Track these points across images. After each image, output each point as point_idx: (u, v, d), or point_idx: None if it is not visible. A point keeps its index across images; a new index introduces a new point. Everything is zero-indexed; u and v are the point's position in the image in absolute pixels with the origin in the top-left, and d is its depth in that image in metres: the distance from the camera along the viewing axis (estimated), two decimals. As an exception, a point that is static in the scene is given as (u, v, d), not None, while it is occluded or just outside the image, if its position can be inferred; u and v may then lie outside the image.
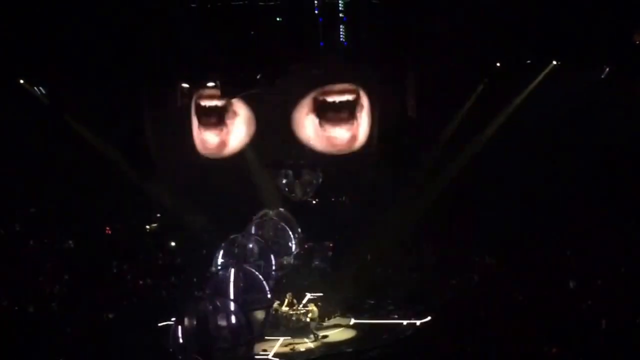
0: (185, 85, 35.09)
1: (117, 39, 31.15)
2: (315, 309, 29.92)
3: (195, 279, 32.15)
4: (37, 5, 30.00)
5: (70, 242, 35.04)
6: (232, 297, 26.06)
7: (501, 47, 31.63)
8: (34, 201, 35.78)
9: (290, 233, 35.06)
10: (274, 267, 31.59)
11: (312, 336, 28.93)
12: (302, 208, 37.14)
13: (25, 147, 33.56)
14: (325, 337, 30.02)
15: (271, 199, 37.49)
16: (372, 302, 33.86)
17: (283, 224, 35.14)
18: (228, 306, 22.35)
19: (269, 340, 28.23)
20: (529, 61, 32.37)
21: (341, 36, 36.59)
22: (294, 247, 33.40)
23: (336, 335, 30.64)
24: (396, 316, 31.54)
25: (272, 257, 31.40)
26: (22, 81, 32.23)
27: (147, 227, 38.39)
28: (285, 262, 34.46)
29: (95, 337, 27.07)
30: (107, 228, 37.05)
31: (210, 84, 32.78)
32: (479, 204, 34.81)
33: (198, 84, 34.78)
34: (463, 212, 35.18)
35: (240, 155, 36.25)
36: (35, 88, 32.79)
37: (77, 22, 30.34)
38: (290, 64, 33.17)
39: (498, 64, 32.77)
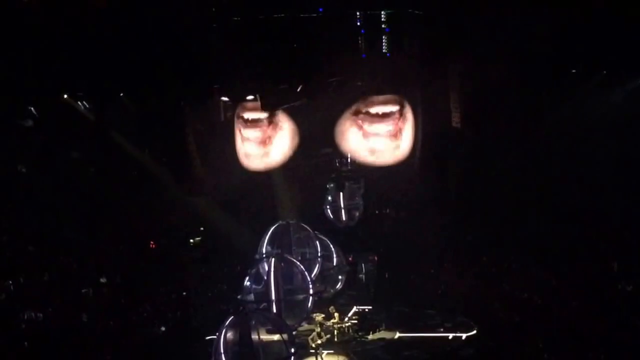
0: (227, 99, 35.20)
1: (160, 54, 31.32)
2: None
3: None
4: (82, 21, 30.27)
5: (125, 253, 35.00)
6: (272, 286, 25.94)
7: (547, 56, 31.26)
8: (78, 217, 35.94)
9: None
10: (319, 255, 31.12)
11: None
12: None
13: (69, 162, 33.80)
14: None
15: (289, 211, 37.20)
16: (418, 314, 33.58)
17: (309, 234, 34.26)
18: (271, 320, 22.15)
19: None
20: (574, 70, 31.89)
21: (384, 47, 36.51)
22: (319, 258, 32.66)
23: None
24: (442, 329, 31.20)
25: (317, 244, 30.97)
26: (66, 96, 32.45)
27: (191, 240, 38.39)
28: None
29: (147, 350, 27.26)
30: (152, 242, 37.14)
31: (252, 97, 32.77)
32: (525, 215, 34.26)
33: (240, 98, 34.88)
34: (508, 222, 34.58)
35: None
36: (79, 103, 33.00)
37: (120, 38, 30.56)
38: (333, 76, 33.10)
39: (544, 74, 32.33)
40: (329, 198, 35.77)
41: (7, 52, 28.94)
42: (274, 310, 25.53)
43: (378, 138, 35.82)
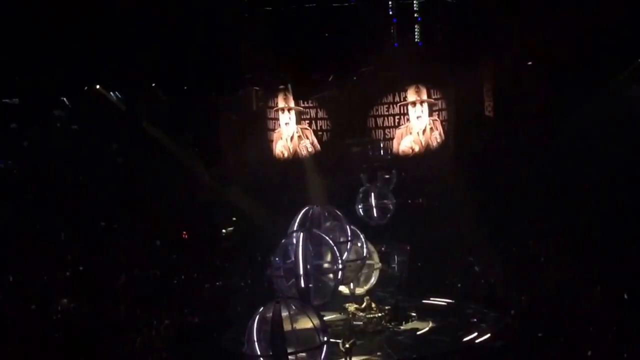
0: (259, 89, 35.24)
1: (192, 44, 31.38)
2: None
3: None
4: (115, 12, 30.40)
5: (158, 241, 35.08)
6: (300, 261, 25.82)
7: (579, 47, 30.95)
8: (111, 207, 36.01)
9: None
10: (349, 239, 30.82)
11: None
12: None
13: (102, 152, 33.90)
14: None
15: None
16: (450, 305, 33.40)
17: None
18: (304, 308, 22.04)
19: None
20: (607, 60, 31.49)
21: (416, 36, 36.32)
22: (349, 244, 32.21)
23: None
24: (475, 320, 30.97)
25: (348, 230, 30.73)
26: (98, 87, 32.57)
27: (224, 230, 38.40)
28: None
29: (181, 340, 27.36)
30: (184, 232, 37.21)
31: (284, 87, 32.77)
32: (559, 205, 33.82)
33: (272, 87, 34.90)
34: (542, 212, 34.16)
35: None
36: (111, 93, 33.11)
37: (153, 29, 30.66)
38: (365, 66, 32.97)
39: (576, 64, 31.95)
40: (360, 196, 35.54)
41: (40, 43, 29.11)
42: (302, 285, 25.42)
43: (410, 126, 35.79)
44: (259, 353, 20.67)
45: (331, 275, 27.00)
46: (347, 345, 26.48)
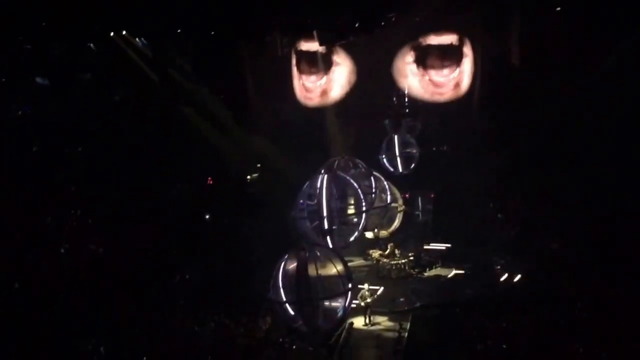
0: (284, 35, 35.04)
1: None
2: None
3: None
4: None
5: (180, 186, 35.22)
6: (324, 203, 26.01)
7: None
8: (135, 152, 35.98)
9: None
10: (374, 189, 30.94)
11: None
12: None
13: (128, 99, 33.89)
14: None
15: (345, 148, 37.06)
16: (475, 252, 33.54)
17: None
18: (329, 255, 22.23)
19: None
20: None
21: (442, -17, 35.88)
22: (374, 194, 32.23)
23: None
24: (498, 267, 31.13)
25: (372, 180, 30.82)
26: (125, 32, 32.44)
27: (248, 177, 38.54)
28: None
29: (205, 284, 27.72)
30: (209, 178, 37.36)
31: (309, 33, 32.51)
32: (585, 150, 33.34)
33: (297, 33, 34.68)
34: (568, 159, 33.78)
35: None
36: (137, 39, 33.03)
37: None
38: (390, 12, 32.64)
39: (605, 15, 31.32)
40: (384, 146, 35.56)
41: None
42: (325, 227, 25.65)
43: (437, 73, 35.54)
44: (284, 299, 21.00)
45: (355, 219, 27.28)
46: (367, 300, 26.75)
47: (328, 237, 25.58)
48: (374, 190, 30.22)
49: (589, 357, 21.03)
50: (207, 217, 34.28)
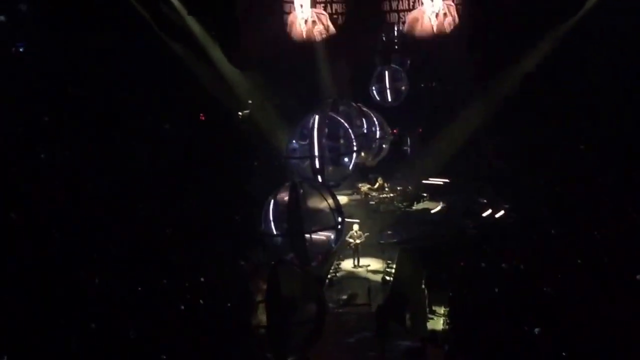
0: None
1: None
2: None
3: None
4: None
5: (167, 126, 35.25)
6: (316, 143, 26.51)
7: None
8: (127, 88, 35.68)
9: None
10: (364, 130, 31.54)
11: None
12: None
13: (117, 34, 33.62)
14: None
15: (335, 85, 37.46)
16: (461, 186, 34.08)
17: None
18: (320, 189, 22.68)
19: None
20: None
21: None
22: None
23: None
24: (485, 200, 31.68)
25: (363, 120, 31.41)
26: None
27: (240, 113, 38.75)
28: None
29: (198, 217, 27.99)
30: (201, 114, 37.45)
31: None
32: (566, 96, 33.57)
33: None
34: (555, 97, 34.05)
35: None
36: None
37: None
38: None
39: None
40: (375, 78, 35.98)
41: None
42: (317, 166, 26.12)
43: (425, 10, 35.76)
44: (275, 232, 21.55)
45: (346, 159, 27.76)
46: (357, 241, 27.23)
47: (319, 177, 26.01)
48: (365, 130, 30.95)
49: (569, 285, 21.47)
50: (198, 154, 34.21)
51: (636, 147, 28.55)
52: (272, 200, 21.22)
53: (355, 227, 27.44)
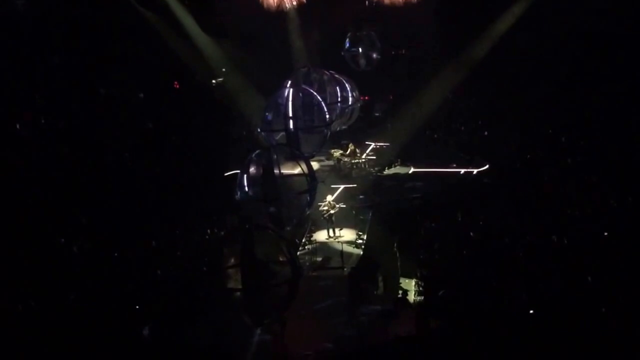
0: None
1: None
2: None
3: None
4: None
5: (141, 95, 35.17)
6: (290, 115, 26.91)
7: None
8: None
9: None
10: (338, 100, 31.95)
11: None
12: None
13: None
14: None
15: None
16: (432, 150, 34.52)
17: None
18: (293, 155, 23.08)
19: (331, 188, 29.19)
20: None
21: None
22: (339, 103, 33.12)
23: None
24: (454, 165, 32.15)
25: (337, 89, 31.80)
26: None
27: (213, 81, 38.76)
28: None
29: (172, 187, 28.14)
30: (175, 82, 37.41)
31: None
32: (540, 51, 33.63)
33: None
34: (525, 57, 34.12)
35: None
36: None
37: None
38: None
39: None
40: (347, 44, 36.30)
41: None
42: (292, 139, 26.54)
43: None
44: (249, 196, 21.99)
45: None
46: (331, 212, 27.39)
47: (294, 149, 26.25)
48: (339, 99, 31.37)
49: (539, 247, 21.96)
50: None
51: (600, 103, 29.16)
52: (247, 166, 21.66)
53: (329, 197, 27.45)
